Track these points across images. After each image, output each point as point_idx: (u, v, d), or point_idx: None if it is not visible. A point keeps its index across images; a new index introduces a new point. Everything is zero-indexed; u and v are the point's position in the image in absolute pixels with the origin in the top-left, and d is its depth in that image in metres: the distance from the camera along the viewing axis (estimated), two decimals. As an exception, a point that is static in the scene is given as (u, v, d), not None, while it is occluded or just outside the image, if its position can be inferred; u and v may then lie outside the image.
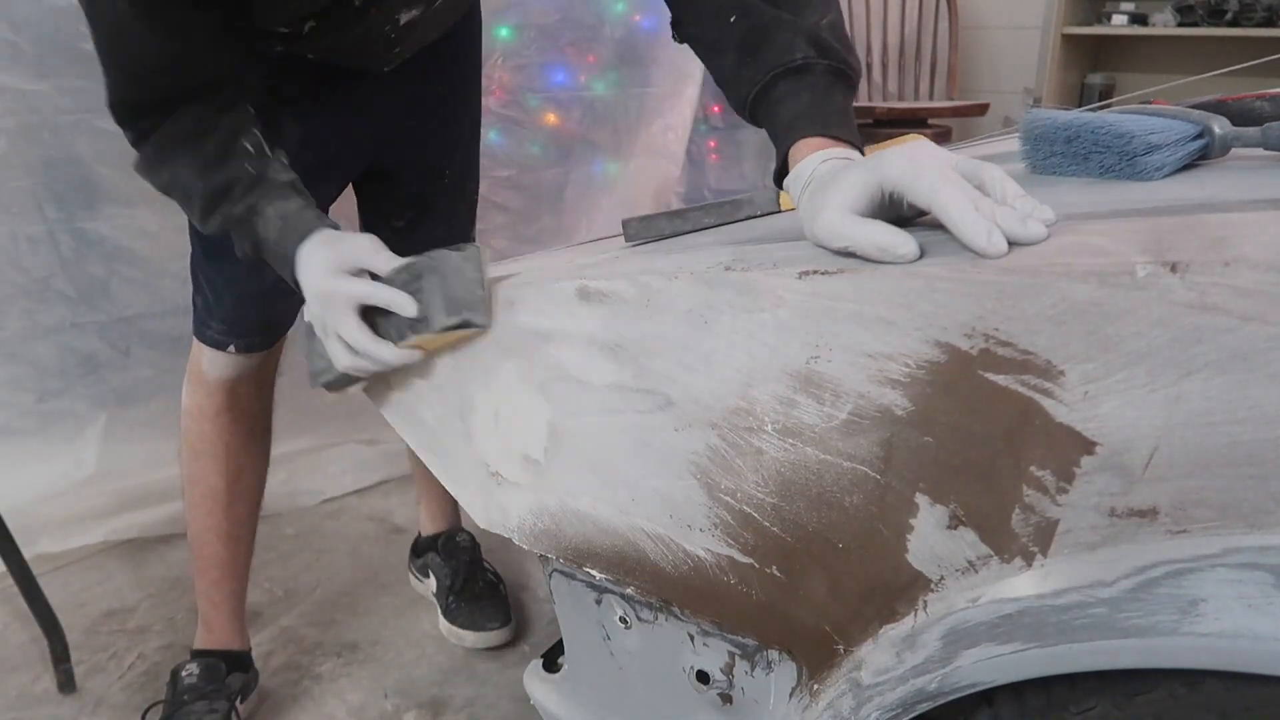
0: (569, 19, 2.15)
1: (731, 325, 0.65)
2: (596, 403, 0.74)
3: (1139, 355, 0.50)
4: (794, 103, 0.67)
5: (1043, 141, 0.74)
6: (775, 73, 0.67)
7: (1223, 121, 0.70)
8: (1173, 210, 0.57)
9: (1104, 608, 0.53)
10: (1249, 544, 0.49)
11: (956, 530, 0.59)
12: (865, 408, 0.60)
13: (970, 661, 0.59)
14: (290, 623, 1.60)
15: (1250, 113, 0.79)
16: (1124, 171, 0.68)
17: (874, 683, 0.65)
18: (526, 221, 2.24)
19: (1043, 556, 0.56)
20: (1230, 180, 0.67)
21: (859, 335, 0.59)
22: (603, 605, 0.83)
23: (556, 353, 0.76)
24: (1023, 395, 0.54)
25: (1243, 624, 0.49)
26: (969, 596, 0.59)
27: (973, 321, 0.55)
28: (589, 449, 0.77)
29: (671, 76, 2.45)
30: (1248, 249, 0.48)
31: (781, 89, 0.67)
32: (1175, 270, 0.49)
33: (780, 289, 0.61)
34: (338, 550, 1.84)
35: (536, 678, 0.97)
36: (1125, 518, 0.53)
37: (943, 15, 3.05)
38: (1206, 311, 0.48)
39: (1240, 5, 2.81)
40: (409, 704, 1.39)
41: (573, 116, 2.24)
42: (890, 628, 0.64)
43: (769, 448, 0.65)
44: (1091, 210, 0.60)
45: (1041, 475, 0.55)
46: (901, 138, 0.82)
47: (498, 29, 2.04)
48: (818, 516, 0.65)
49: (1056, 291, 0.52)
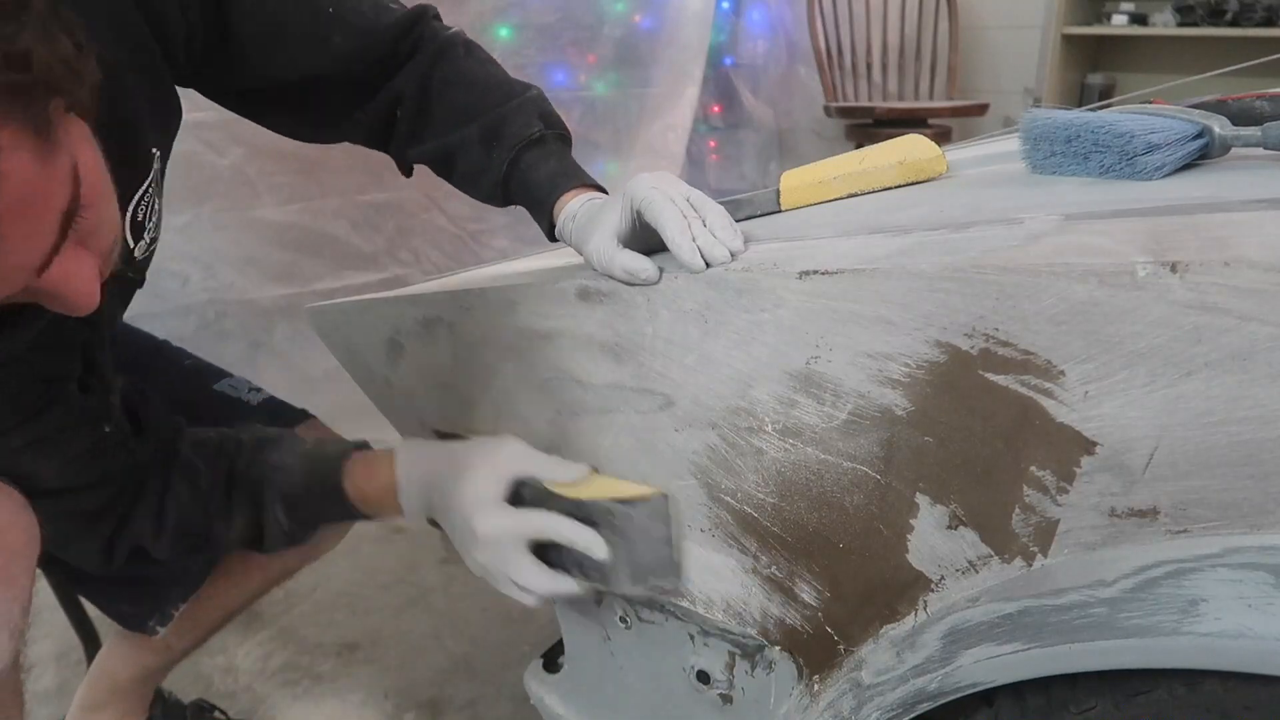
0: (569, 19, 2.15)
1: (732, 325, 0.65)
2: (596, 403, 0.74)
3: (1139, 355, 0.50)
4: (544, 167, 0.79)
5: (1043, 141, 0.74)
6: (519, 148, 0.79)
7: (1223, 121, 0.70)
8: (1173, 210, 0.57)
9: (1104, 608, 0.53)
10: (1249, 544, 0.49)
11: (957, 530, 0.59)
12: (865, 408, 0.60)
13: (970, 661, 0.59)
14: (290, 623, 1.60)
15: (1250, 113, 0.79)
16: (1124, 171, 0.68)
17: (874, 682, 0.65)
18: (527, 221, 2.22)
19: (1043, 556, 0.56)
20: (1230, 180, 0.67)
21: (859, 335, 0.59)
22: (603, 605, 0.83)
23: (556, 353, 0.76)
24: (1023, 395, 0.54)
25: (1243, 624, 0.49)
26: (969, 596, 0.59)
27: (973, 321, 0.55)
28: (589, 449, 0.77)
29: (671, 76, 2.45)
30: (1248, 249, 0.48)
31: (528, 159, 0.79)
32: (1175, 270, 0.49)
33: (780, 289, 0.61)
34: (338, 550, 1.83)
35: (536, 678, 0.98)
36: (1125, 518, 0.53)
37: (943, 15, 3.05)
38: (1206, 311, 0.48)
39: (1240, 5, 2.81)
40: (409, 704, 1.39)
41: (573, 116, 2.24)
42: (891, 627, 0.64)
43: (769, 448, 0.65)
44: (1092, 210, 0.60)
45: (1042, 475, 0.55)
46: (901, 138, 0.82)
47: (498, 29, 2.04)
48: (818, 516, 0.65)
49: (1056, 291, 0.52)
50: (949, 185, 0.80)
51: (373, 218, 1.95)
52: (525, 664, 1.01)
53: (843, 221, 0.72)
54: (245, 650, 1.50)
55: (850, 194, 0.79)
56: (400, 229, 2.01)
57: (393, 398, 0.95)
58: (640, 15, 2.31)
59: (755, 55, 2.96)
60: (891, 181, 0.79)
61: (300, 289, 1.82)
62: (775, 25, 2.97)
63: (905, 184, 0.79)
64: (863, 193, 0.79)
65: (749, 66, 2.95)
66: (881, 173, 0.78)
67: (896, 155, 0.79)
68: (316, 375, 1.66)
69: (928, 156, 0.78)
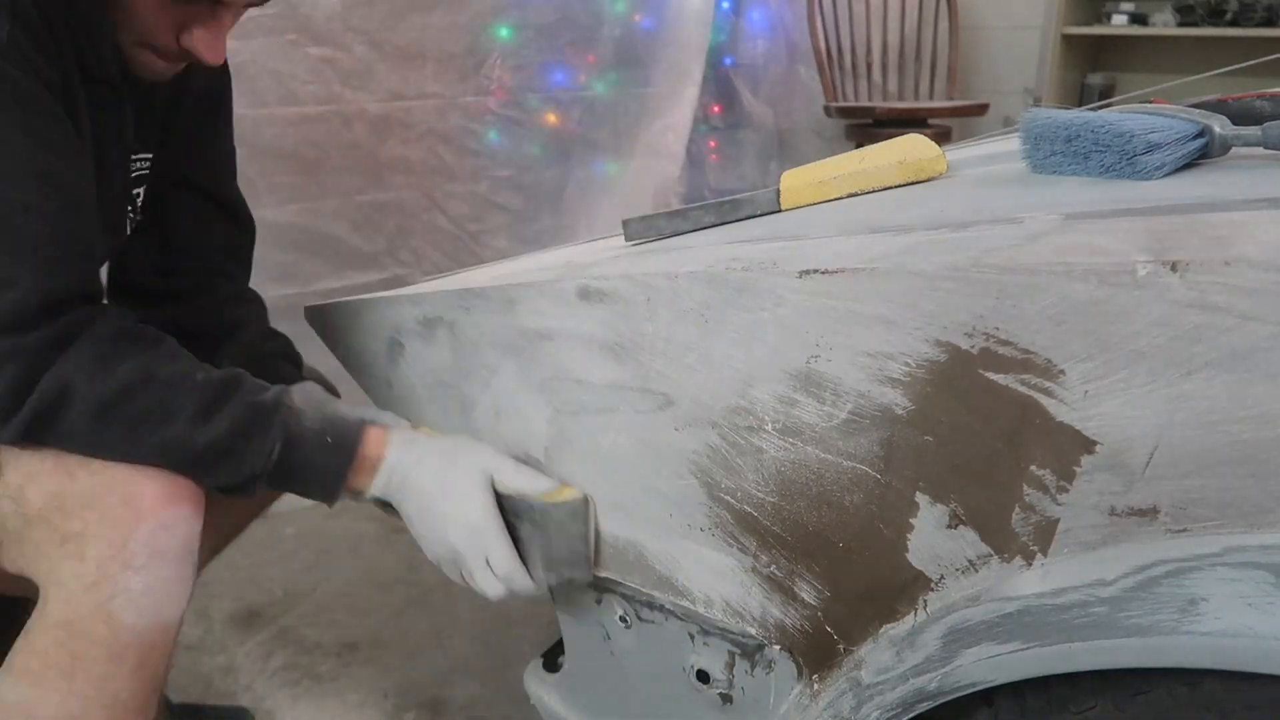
0: (569, 19, 2.15)
1: (732, 325, 0.65)
2: (596, 402, 0.74)
3: (1139, 354, 0.50)
4: None
5: (1043, 141, 0.74)
6: None
7: (1223, 121, 0.70)
8: (1173, 210, 0.57)
9: (1104, 607, 0.53)
10: (1249, 543, 0.49)
11: (957, 529, 0.59)
12: (865, 407, 0.60)
13: (970, 661, 0.59)
14: (290, 623, 1.60)
15: (1250, 112, 0.79)
16: (1124, 171, 0.68)
17: (874, 682, 0.65)
18: (526, 221, 2.24)
19: (1043, 556, 0.56)
20: (1230, 180, 0.67)
21: (859, 334, 0.59)
22: (603, 605, 0.83)
23: (556, 352, 0.76)
24: (1023, 394, 0.54)
25: (1243, 623, 0.49)
26: (969, 596, 0.59)
27: (973, 321, 0.55)
28: (589, 448, 0.77)
29: (671, 76, 2.45)
30: (1248, 249, 0.48)
31: None
32: (1175, 270, 0.49)
33: (780, 288, 0.61)
34: (338, 550, 1.83)
35: (536, 677, 0.97)
36: (1125, 517, 0.53)
37: (943, 15, 3.05)
38: (1206, 311, 0.48)
39: (1240, 5, 2.81)
40: (409, 704, 1.39)
41: (572, 116, 2.24)
42: (890, 627, 0.64)
43: (769, 447, 0.65)
44: (1092, 210, 0.60)
45: (1042, 474, 0.55)
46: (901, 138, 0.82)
47: (498, 29, 2.04)
48: (818, 516, 0.65)
49: (1056, 291, 0.52)
50: (949, 185, 0.80)
51: (373, 218, 1.95)
52: (525, 664, 1.01)
53: (843, 221, 0.72)
54: (245, 650, 1.50)
55: (850, 194, 0.79)
56: (400, 229, 2.01)
57: (393, 397, 0.95)
58: (640, 15, 2.31)
59: (755, 55, 2.95)
60: (891, 181, 0.79)
61: (300, 289, 1.82)
62: (775, 25, 2.97)
63: (905, 183, 0.79)
64: (863, 192, 0.79)
65: (749, 66, 2.95)
66: (882, 172, 0.78)
67: (896, 155, 0.79)
68: (316, 375, 1.66)
69: (928, 156, 0.78)
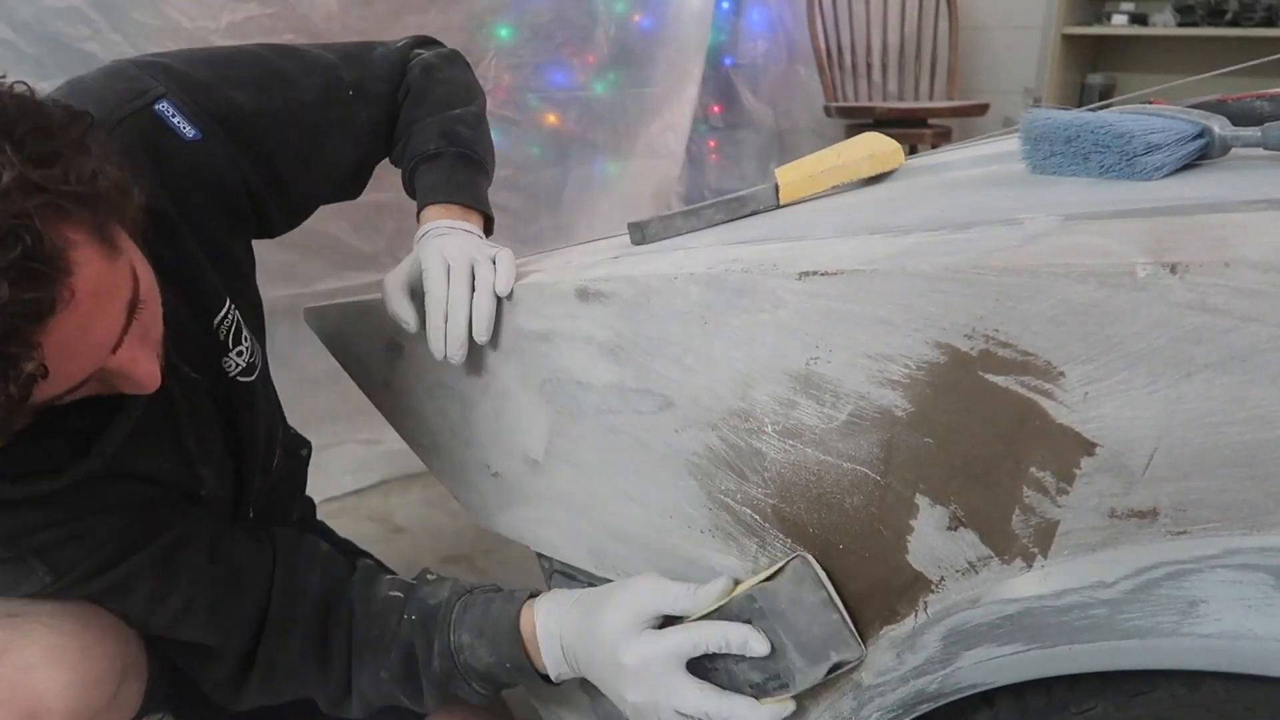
0: (568, 19, 2.15)
1: (731, 326, 0.65)
2: (596, 403, 0.74)
3: (1139, 356, 0.50)
4: (426, 179, 0.89)
5: (1043, 141, 0.74)
6: (415, 161, 0.90)
7: (1223, 121, 0.70)
8: (1173, 210, 0.57)
9: (1104, 608, 0.53)
10: (1249, 545, 0.49)
11: (957, 531, 0.59)
12: (865, 409, 0.60)
13: (971, 662, 0.59)
14: (290, 623, 1.60)
15: (1250, 113, 0.79)
16: (1124, 171, 0.68)
17: (874, 683, 0.65)
18: (526, 221, 2.24)
19: (1043, 557, 0.56)
20: (1230, 180, 0.67)
21: (859, 336, 0.59)
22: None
23: (556, 353, 0.76)
24: (1023, 396, 0.54)
25: (1242, 624, 0.49)
26: (969, 597, 0.59)
27: (973, 322, 0.55)
28: (589, 449, 0.77)
29: (671, 76, 2.44)
30: (1248, 249, 0.48)
31: (421, 170, 0.90)
32: (1175, 271, 0.49)
33: (780, 290, 0.61)
34: (338, 550, 1.83)
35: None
36: (1125, 519, 0.53)
37: (943, 15, 3.05)
38: (1206, 312, 0.48)
39: (1240, 5, 2.81)
40: (409, 704, 1.39)
41: (572, 116, 2.23)
42: (891, 628, 0.64)
43: (769, 449, 0.65)
44: (1092, 210, 0.60)
45: (1042, 476, 0.55)
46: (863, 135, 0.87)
47: (497, 29, 2.03)
48: (818, 518, 0.65)
49: (1056, 292, 0.52)
50: (949, 185, 0.80)
51: (373, 218, 1.95)
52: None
53: (843, 222, 0.72)
54: (245, 651, 1.50)
55: (833, 186, 0.84)
56: (400, 229, 2.00)
57: (392, 399, 0.95)
58: (639, 15, 2.31)
59: (755, 55, 2.95)
60: (866, 173, 0.85)
61: (300, 289, 1.81)
62: (775, 25, 2.97)
63: (876, 175, 0.86)
64: (843, 184, 0.85)
65: (749, 66, 2.95)
66: (857, 165, 0.85)
67: (865, 150, 0.86)
68: (316, 376, 1.65)
69: (889, 149, 0.86)
